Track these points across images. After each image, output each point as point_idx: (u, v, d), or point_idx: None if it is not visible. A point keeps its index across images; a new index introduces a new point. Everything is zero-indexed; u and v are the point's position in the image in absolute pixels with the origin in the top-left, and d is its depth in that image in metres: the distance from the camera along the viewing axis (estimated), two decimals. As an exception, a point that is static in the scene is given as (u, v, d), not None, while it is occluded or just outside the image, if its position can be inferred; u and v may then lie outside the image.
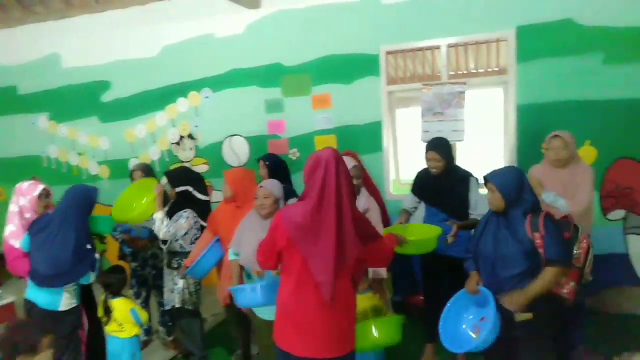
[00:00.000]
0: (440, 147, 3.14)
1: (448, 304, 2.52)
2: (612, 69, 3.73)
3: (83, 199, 2.83)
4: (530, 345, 2.27)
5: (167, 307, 3.39)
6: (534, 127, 3.94)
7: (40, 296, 2.74)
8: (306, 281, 2.05)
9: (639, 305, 3.74)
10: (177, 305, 3.30)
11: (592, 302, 3.54)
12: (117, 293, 3.06)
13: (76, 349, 2.81)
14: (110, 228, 3.88)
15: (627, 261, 3.85)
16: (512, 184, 2.30)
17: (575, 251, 2.40)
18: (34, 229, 2.82)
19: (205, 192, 3.47)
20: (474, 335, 2.41)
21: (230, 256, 2.96)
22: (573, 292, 2.36)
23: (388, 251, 2.24)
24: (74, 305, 2.82)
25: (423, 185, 3.30)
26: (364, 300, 2.73)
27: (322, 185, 2.03)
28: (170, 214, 3.32)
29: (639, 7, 3.63)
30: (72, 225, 2.74)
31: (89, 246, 2.82)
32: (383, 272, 2.94)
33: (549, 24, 3.85)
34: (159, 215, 3.24)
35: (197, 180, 3.47)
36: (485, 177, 2.42)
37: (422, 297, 3.97)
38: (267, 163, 3.60)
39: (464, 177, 3.14)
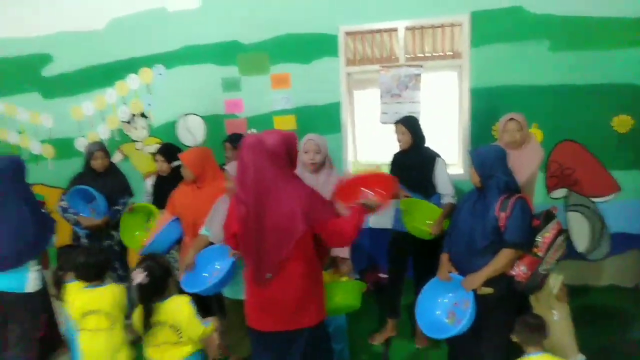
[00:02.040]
0: (406, 121, 3.25)
1: (422, 292, 2.61)
2: (557, 56, 3.95)
3: (12, 168, 2.69)
4: (492, 319, 2.42)
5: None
6: (485, 110, 4.12)
7: (1, 280, 2.60)
8: None
9: (577, 276, 4.05)
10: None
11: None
12: (69, 270, 2.90)
13: (31, 338, 2.72)
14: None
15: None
16: (487, 160, 2.40)
17: (538, 239, 2.36)
18: None
19: None
20: (447, 321, 2.50)
21: (202, 231, 2.96)
22: (523, 277, 2.34)
23: (347, 229, 2.15)
24: (39, 287, 2.72)
25: (396, 165, 3.37)
26: (325, 277, 2.76)
27: (240, 176, 2.12)
28: (165, 189, 3.39)
29: (583, -3, 3.84)
30: (17, 196, 2.63)
31: (43, 210, 2.76)
32: (343, 251, 2.92)
33: (500, 10, 3.99)
34: None
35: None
36: (469, 152, 2.59)
37: (380, 274, 4.13)
38: (234, 145, 3.54)
39: (431, 157, 3.22)
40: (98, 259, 2.54)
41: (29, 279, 2.66)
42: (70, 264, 2.86)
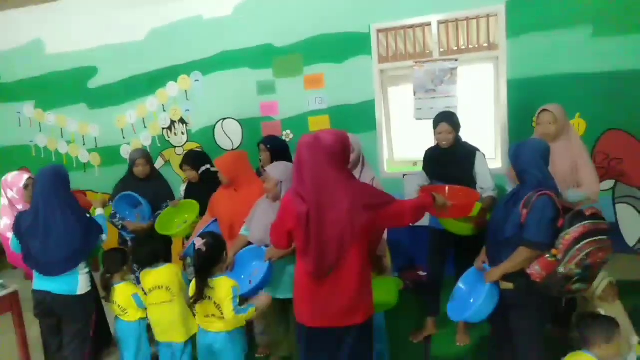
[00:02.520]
0: (451, 119, 3.18)
1: (459, 281, 2.63)
2: (601, 42, 3.78)
3: (55, 176, 2.77)
4: (516, 315, 2.39)
5: None
6: (524, 102, 4.00)
7: (54, 284, 2.72)
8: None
9: (628, 271, 3.86)
10: None
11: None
12: (115, 272, 3.07)
13: (85, 337, 2.83)
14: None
15: (616, 229, 3.97)
16: (522, 155, 2.33)
17: (559, 240, 2.21)
18: (20, 228, 2.76)
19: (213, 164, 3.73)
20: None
21: (242, 231, 3.02)
22: (537, 276, 2.24)
23: (407, 210, 2.23)
24: (90, 289, 2.83)
25: (431, 161, 3.31)
26: None
27: (298, 174, 2.16)
28: (197, 194, 3.55)
29: (626, -20, 3.68)
30: (61, 203, 2.71)
31: (88, 215, 2.85)
32: (381, 249, 2.89)
33: (538, -2, 3.88)
34: None
35: (207, 156, 3.79)
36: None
37: (419, 273, 4.08)
38: (268, 146, 3.60)
39: (471, 152, 3.16)
40: (153, 247, 2.96)
41: (80, 282, 2.77)
42: (116, 266, 3.03)
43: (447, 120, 3.16)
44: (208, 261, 2.54)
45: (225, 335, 2.60)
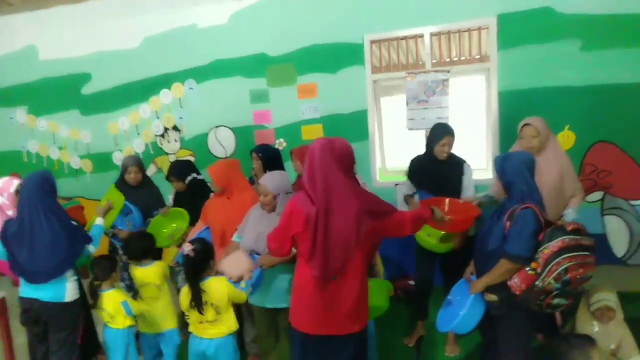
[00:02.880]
0: (453, 132, 3.22)
1: (451, 292, 2.65)
2: (590, 55, 3.85)
3: (42, 183, 2.73)
4: (501, 327, 2.42)
5: None
6: (515, 113, 4.01)
7: (41, 291, 2.70)
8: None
9: (617, 282, 3.88)
10: None
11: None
12: (104, 279, 3.05)
13: (73, 345, 2.80)
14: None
15: (605, 241, 4.01)
16: (508, 168, 2.35)
17: (537, 254, 2.21)
18: (6, 235, 2.73)
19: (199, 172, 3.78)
20: None
21: (234, 238, 3.01)
22: (517, 289, 2.25)
23: (409, 221, 2.30)
24: (77, 296, 2.81)
25: (420, 172, 3.34)
26: None
27: (309, 174, 2.16)
28: (185, 202, 3.58)
29: (614, -5, 3.74)
30: (47, 211, 2.67)
31: (74, 222, 2.80)
32: (374, 257, 2.98)
33: (528, 12, 3.94)
34: None
35: (193, 165, 3.80)
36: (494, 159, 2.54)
37: (409, 282, 4.09)
38: (260, 155, 3.60)
39: (459, 163, 3.25)
40: (145, 244, 3.12)
41: (67, 289, 2.74)
42: (105, 273, 3.02)
43: (452, 133, 3.20)
44: (197, 267, 2.59)
45: (220, 341, 2.62)
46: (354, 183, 2.26)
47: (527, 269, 2.22)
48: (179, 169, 3.72)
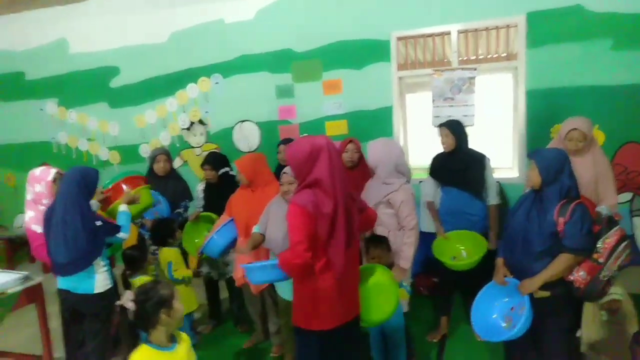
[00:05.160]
0: (450, 124, 3.32)
1: (478, 296, 2.58)
2: (620, 55, 3.80)
3: (81, 179, 2.73)
4: (550, 324, 2.36)
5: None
6: (542, 113, 4.02)
7: (72, 283, 2.75)
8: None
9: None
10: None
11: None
12: (136, 270, 3.14)
13: (108, 333, 2.85)
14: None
15: (632, 242, 3.95)
16: (553, 164, 2.33)
17: (599, 245, 2.28)
18: (44, 222, 2.78)
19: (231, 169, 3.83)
20: (504, 325, 2.46)
21: (254, 229, 3.03)
22: (582, 282, 2.29)
23: (374, 220, 2.56)
24: (108, 287, 2.82)
25: (439, 166, 3.43)
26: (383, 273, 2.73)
27: (331, 173, 2.15)
28: (214, 194, 3.65)
29: (647, -6, 3.69)
30: (75, 207, 2.66)
31: (99, 223, 2.74)
32: (406, 262, 2.86)
33: (558, 10, 3.90)
34: None
35: (228, 161, 3.84)
36: (528, 154, 2.48)
37: (433, 279, 4.09)
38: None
39: (479, 157, 3.30)
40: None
41: (97, 280, 2.76)
42: (135, 264, 3.11)
43: (446, 125, 3.33)
44: (136, 323, 1.94)
45: None
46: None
47: (590, 260, 2.28)
48: (216, 159, 3.78)
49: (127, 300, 1.89)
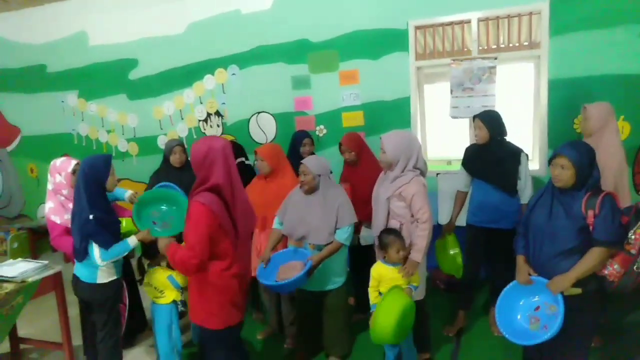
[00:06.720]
0: (484, 116, 3.20)
1: (501, 296, 2.44)
2: (649, 42, 3.65)
3: (87, 170, 2.69)
4: (578, 320, 2.24)
5: None
6: (566, 103, 3.89)
7: (80, 270, 2.79)
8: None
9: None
10: None
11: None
12: (151, 259, 3.18)
13: (116, 322, 2.87)
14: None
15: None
16: (586, 159, 2.20)
17: (630, 236, 2.23)
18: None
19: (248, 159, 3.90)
20: (531, 326, 2.33)
21: (275, 224, 3.12)
22: (616, 275, 2.21)
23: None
24: (113, 278, 2.81)
25: (472, 158, 3.32)
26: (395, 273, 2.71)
27: (227, 177, 2.26)
28: None
29: (678, -22, 3.53)
30: (78, 197, 2.66)
31: (90, 217, 2.62)
32: (418, 256, 2.76)
33: (583, -4, 3.76)
34: None
35: (245, 151, 3.89)
36: (556, 152, 2.26)
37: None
38: (313, 140, 3.81)
39: (515, 152, 3.17)
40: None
41: (100, 271, 2.75)
42: (152, 253, 3.12)
43: (479, 116, 3.21)
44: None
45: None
46: None
47: (624, 252, 2.22)
48: (234, 147, 3.78)
49: None
